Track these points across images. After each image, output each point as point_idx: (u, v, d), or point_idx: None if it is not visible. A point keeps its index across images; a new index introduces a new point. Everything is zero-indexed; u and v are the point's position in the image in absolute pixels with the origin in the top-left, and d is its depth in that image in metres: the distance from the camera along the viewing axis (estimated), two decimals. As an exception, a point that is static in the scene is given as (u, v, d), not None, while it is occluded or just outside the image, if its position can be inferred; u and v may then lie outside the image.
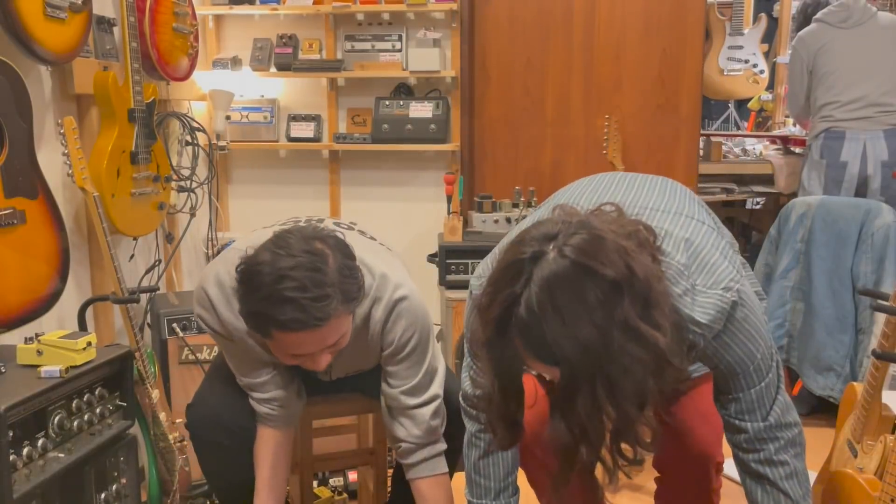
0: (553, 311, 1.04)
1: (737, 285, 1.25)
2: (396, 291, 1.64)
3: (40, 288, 1.88)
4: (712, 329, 1.25)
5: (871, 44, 3.24)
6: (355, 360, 1.76)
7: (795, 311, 3.00)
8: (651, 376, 1.07)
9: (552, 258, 1.06)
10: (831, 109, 3.26)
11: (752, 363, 1.30)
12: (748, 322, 1.28)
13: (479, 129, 3.37)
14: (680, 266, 1.23)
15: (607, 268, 1.05)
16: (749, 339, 1.28)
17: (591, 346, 1.04)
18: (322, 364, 1.54)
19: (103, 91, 2.18)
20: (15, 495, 1.49)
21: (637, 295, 1.06)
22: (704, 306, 1.22)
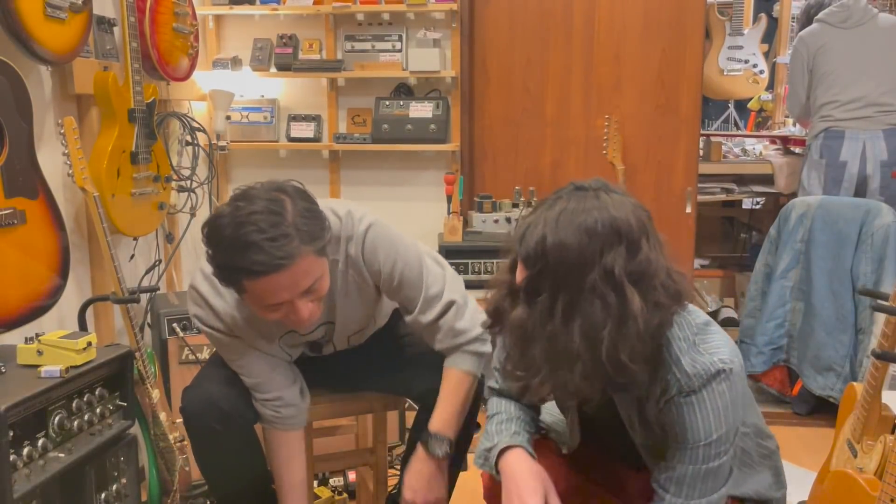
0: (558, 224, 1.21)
1: (732, 366, 1.28)
2: (362, 223, 1.67)
3: (41, 288, 1.88)
4: (690, 383, 1.27)
5: (870, 44, 3.25)
6: (352, 312, 1.77)
7: (795, 310, 3.00)
8: (610, 324, 1.20)
9: (589, 194, 1.26)
10: (831, 109, 3.26)
11: (704, 439, 1.29)
12: (723, 400, 1.28)
13: (479, 129, 3.37)
14: (692, 324, 1.32)
15: (619, 217, 1.23)
16: (715, 416, 1.28)
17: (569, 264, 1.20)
18: (304, 313, 1.51)
19: (103, 91, 2.18)
20: (15, 495, 1.49)
21: (633, 260, 1.22)
22: (695, 360, 1.28)
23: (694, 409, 1.28)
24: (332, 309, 1.75)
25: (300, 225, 1.46)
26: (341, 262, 1.69)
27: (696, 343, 1.30)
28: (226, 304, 1.66)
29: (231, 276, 1.47)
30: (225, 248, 1.44)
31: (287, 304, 1.50)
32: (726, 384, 1.27)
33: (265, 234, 1.42)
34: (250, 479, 1.83)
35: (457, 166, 3.23)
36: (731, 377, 1.28)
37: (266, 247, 1.41)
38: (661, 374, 1.30)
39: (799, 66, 3.39)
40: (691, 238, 3.34)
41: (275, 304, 1.50)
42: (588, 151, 3.34)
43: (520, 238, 1.27)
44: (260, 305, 1.52)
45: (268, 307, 1.51)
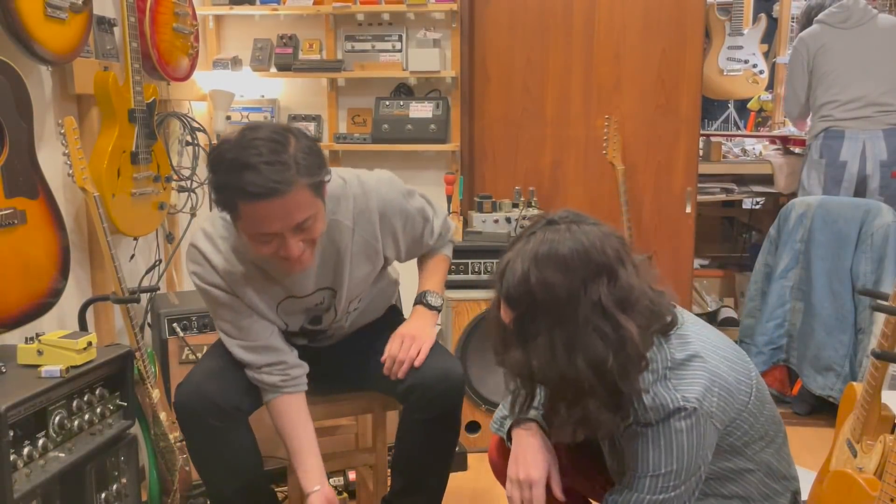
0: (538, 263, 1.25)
1: (698, 407, 1.27)
2: (370, 181, 1.79)
3: (41, 288, 1.88)
4: (646, 416, 1.28)
5: (870, 44, 3.26)
6: (357, 274, 1.81)
7: (795, 310, 3.01)
8: (612, 353, 1.23)
9: (561, 228, 1.28)
10: (831, 109, 3.26)
11: (653, 471, 1.29)
12: (678, 438, 1.27)
13: (479, 129, 3.37)
14: (668, 358, 1.32)
15: (595, 249, 1.26)
16: (666, 451, 1.28)
17: (558, 301, 1.23)
18: (295, 251, 1.55)
19: (104, 91, 2.18)
20: (15, 495, 1.49)
21: (614, 288, 1.25)
22: (657, 394, 1.29)
23: (647, 440, 1.29)
24: (337, 275, 1.79)
25: (300, 159, 1.51)
26: (350, 223, 1.76)
27: (665, 377, 1.30)
28: (224, 261, 1.68)
29: (228, 197, 1.51)
30: (225, 170, 1.50)
31: (279, 239, 1.54)
32: (686, 423, 1.27)
33: (264, 158, 1.47)
34: (247, 477, 1.82)
35: (457, 166, 3.23)
36: (692, 416, 1.27)
37: (263, 169, 1.46)
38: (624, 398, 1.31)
39: (798, 66, 3.39)
40: (691, 238, 3.34)
41: (267, 233, 1.53)
42: (588, 151, 3.34)
43: (500, 277, 1.30)
44: (254, 234, 1.55)
45: (261, 237, 1.54)
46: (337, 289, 1.81)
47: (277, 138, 1.51)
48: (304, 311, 1.84)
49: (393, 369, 1.79)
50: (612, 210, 3.28)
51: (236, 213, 1.54)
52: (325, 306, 1.85)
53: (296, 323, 1.86)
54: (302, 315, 1.85)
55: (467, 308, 2.79)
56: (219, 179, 1.52)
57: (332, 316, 1.88)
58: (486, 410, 2.82)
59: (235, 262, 1.69)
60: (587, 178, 3.37)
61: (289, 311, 1.80)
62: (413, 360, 1.78)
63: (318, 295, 1.81)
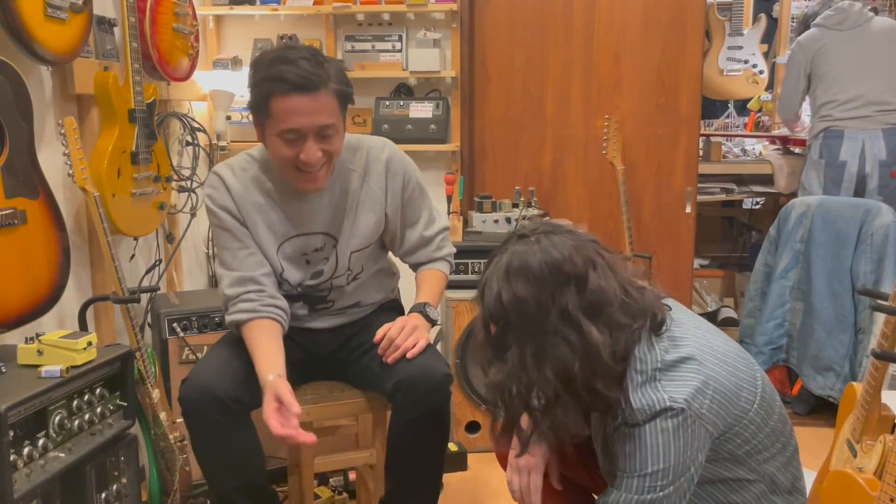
0: (509, 278, 1.28)
1: (686, 407, 1.26)
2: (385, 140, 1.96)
3: (41, 288, 1.88)
4: (633, 416, 1.28)
5: (867, 45, 3.28)
6: (361, 224, 1.90)
7: (795, 310, 3.01)
8: (579, 360, 1.26)
9: (529, 241, 1.31)
10: (830, 109, 3.27)
11: (640, 470, 1.28)
12: (664, 437, 1.26)
13: (479, 129, 3.37)
14: (658, 360, 1.31)
15: (569, 264, 1.27)
16: (653, 450, 1.27)
17: (528, 314, 1.26)
18: (313, 155, 1.69)
19: (104, 91, 2.18)
20: (16, 495, 1.49)
21: (584, 294, 1.27)
22: (644, 394, 1.29)
23: (634, 440, 1.29)
24: (340, 221, 1.88)
25: (332, 70, 1.70)
26: (361, 171, 1.90)
27: (654, 378, 1.30)
28: (241, 187, 1.84)
29: (265, 90, 1.68)
30: (266, 65, 1.69)
31: (301, 141, 1.69)
32: (672, 422, 1.26)
33: (303, 56, 1.67)
34: (249, 475, 1.82)
35: (457, 166, 3.24)
36: (679, 416, 1.26)
37: (302, 64, 1.65)
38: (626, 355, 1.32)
39: (795, 69, 3.42)
40: (691, 238, 3.34)
41: (293, 129, 1.68)
42: (588, 151, 3.34)
43: (480, 298, 1.34)
44: (280, 132, 1.69)
45: (286, 135, 1.69)
46: (339, 237, 1.89)
47: (317, 53, 1.72)
48: (303, 258, 1.89)
49: (388, 352, 1.82)
50: (612, 210, 3.29)
51: (268, 110, 1.69)
52: (325, 255, 1.90)
53: (296, 273, 1.89)
54: (302, 262, 1.90)
55: (467, 308, 2.79)
56: (259, 75, 1.69)
57: (333, 267, 1.91)
58: (485, 410, 2.82)
59: (252, 189, 1.84)
60: (587, 178, 3.37)
61: (290, 254, 1.88)
62: (408, 349, 1.81)
63: (320, 238, 1.89)
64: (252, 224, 1.84)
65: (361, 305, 2.04)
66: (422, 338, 1.85)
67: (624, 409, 1.29)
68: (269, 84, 1.66)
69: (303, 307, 1.97)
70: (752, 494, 1.40)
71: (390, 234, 1.99)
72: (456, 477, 2.68)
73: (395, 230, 1.97)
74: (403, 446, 1.85)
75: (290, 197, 1.84)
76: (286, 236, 1.86)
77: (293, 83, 1.64)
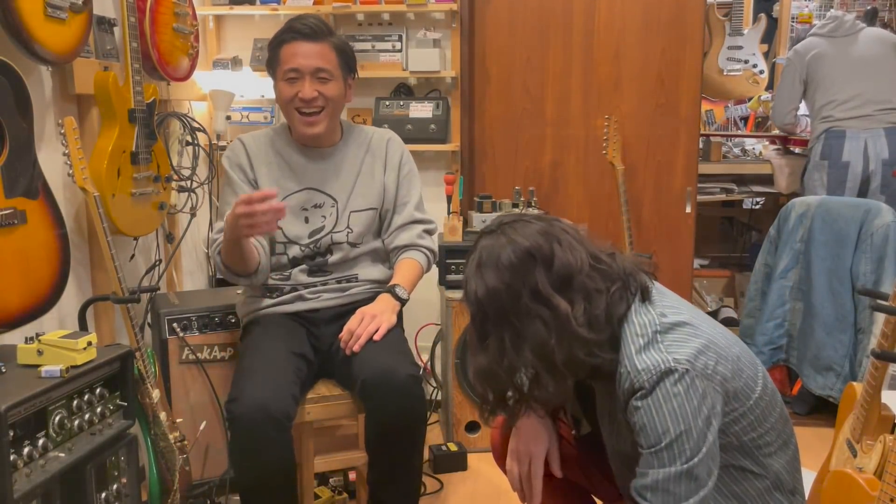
0: (480, 272, 1.33)
1: (690, 368, 1.26)
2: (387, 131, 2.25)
3: (41, 288, 1.89)
4: (639, 378, 1.27)
5: (861, 50, 3.36)
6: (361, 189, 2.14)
7: (795, 310, 3.01)
8: (555, 335, 1.28)
9: (494, 235, 1.35)
10: (830, 109, 3.28)
11: (665, 440, 1.26)
12: (678, 400, 1.25)
13: (479, 129, 3.37)
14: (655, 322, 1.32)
15: (535, 248, 1.31)
16: (671, 415, 1.26)
17: (502, 301, 1.30)
18: (308, 91, 2.01)
19: (104, 91, 2.18)
20: (16, 495, 1.49)
21: (553, 271, 1.30)
22: (648, 355, 1.29)
23: (649, 410, 1.27)
24: (341, 183, 2.12)
25: (338, 37, 2.08)
26: (364, 147, 2.18)
27: (655, 340, 1.30)
28: (256, 145, 2.14)
29: (276, 41, 2.04)
30: (282, 28, 2.04)
31: (300, 80, 2.02)
32: (681, 385, 1.25)
33: (313, 17, 2.05)
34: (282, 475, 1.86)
35: (457, 166, 3.24)
36: (686, 377, 1.25)
37: (309, 21, 2.03)
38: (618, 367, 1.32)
39: (790, 75, 3.48)
40: (691, 238, 3.35)
41: (294, 68, 2.01)
42: (588, 151, 3.34)
43: (463, 297, 1.38)
44: (284, 71, 2.03)
45: (288, 74, 2.02)
46: (338, 197, 2.12)
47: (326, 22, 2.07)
48: (303, 213, 2.10)
49: (350, 343, 1.90)
50: (612, 210, 3.29)
51: (278, 58, 2.04)
52: (324, 213, 2.11)
53: (294, 227, 2.06)
54: (302, 218, 2.07)
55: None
56: (274, 36, 2.05)
57: (333, 222, 2.08)
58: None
59: (266, 149, 2.14)
60: (587, 178, 3.37)
61: (292, 207, 2.08)
62: (371, 335, 1.90)
63: (320, 195, 2.12)
64: (261, 176, 2.11)
65: (359, 280, 2.12)
66: (384, 322, 1.94)
67: (630, 373, 1.28)
68: (281, 35, 2.02)
69: (304, 271, 2.09)
70: (756, 489, 1.40)
71: (386, 209, 2.18)
72: (456, 477, 2.68)
73: (389, 206, 2.18)
74: (377, 449, 1.89)
75: (298, 158, 2.14)
76: (290, 190, 2.11)
77: (299, 31, 2.01)
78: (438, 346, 3.19)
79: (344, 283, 2.12)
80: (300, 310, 2.09)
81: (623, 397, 1.31)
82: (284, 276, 2.11)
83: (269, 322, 2.08)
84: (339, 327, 2.02)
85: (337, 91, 2.06)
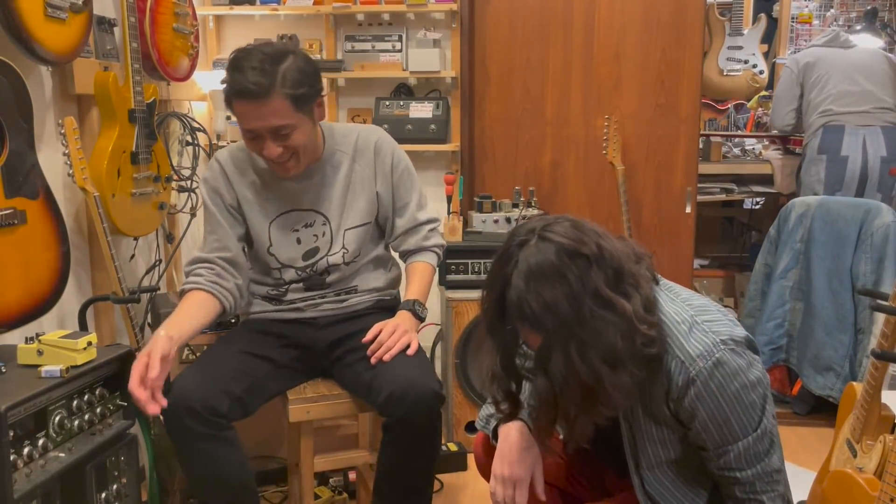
0: (533, 286, 1.22)
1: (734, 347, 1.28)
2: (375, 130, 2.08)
3: (41, 288, 1.89)
4: (695, 365, 1.27)
5: (857, 56, 3.42)
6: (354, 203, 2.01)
7: (795, 310, 3.01)
8: (620, 338, 1.22)
9: (533, 242, 1.25)
10: (828, 104, 3.31)
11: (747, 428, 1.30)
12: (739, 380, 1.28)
13: (479, 129, 3.37)
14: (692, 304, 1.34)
15: (582, 246, 1.23)
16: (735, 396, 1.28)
17: (564, 313, 1.21)
18: (272, 152, 1.81)
19: (104, 91, 2.18)
20: (16, 495, 1.49)
21: (607, 268, 1.24)
22: (699, 340, 1.28)
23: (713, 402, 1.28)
24: (331, 201, 1.98)
25: (288, 75, 1.77)
26: (351, 153, 2.02)
27: (696, 322, 1.30)
28: (236, 168, 1.97)
29: (226, 91, 1.79)
30: (228, 68, 1.79)
31: (259, 139, 1.81)
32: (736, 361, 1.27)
33: (252, 64, 1.74)
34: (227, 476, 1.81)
35: (457, 166, 3.24)
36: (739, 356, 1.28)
37: (249, 73, 1.74)
38: (664, 363, 1.30)
39: (787, 79, 3.52)
40: (691, 238, 3.35)
41: (249, 129, 1.81)
42: (588, 151, 3.34)
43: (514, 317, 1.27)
44: (242, 130, 1.83)
45: (246, 133, 1.83)
46: (329, 215, 1.99)
47: (276, 54, 1.78)
48: (294, 235, 1.97)
49: (378, 353, 1.84)
50: (612, 210, 3.29)
51: (232, 109, 1.82)
52: (316, 232, 1.99)
53: (286, 250, 1.97)
54: (293, 239, 1.97)
55: (467, 308, 2.79)
56: (224, 77, 1.80)
57: (328, 244, 1.98)
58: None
59: (248, 169, 1.98)
60: (587, 178, 3.37)
61: (281, 229, 1.97)
62: (402, 348, 1.85)
63: (310, 214, 1.99)
64: (244, 200, 1.98)
65: (359, 291, 2.06)
66: (414, 338, 1.88)
67: (683, 362, 1.28)
68: (228, 88, 1.79)
69: (300, 289, 2.02)
70: None
71: (383, 216, 2.06)
72: (456, 477, 2.68)
73: (387, 212, 2.06)
74: (391, 464, 1.85)
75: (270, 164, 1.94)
76: (277, 212, 1.98)
77: (240, 92, 1.75)
78: (438, 346, 3.19)
79: (343, 294, 2.05)
80: (297, 318, 2.03)
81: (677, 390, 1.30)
82: (281, 292, 2.04)
83: (254, 325, 2.03)
84: (336, 331, 2.00)
85: (304, 136, 1.85)
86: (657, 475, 1.41)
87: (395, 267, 2.18)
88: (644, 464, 1.41)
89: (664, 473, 1.41)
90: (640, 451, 1.41)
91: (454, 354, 2.80)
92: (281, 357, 1.96)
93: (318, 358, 2.01)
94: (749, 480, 1.34)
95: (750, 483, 1.34)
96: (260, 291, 2.06)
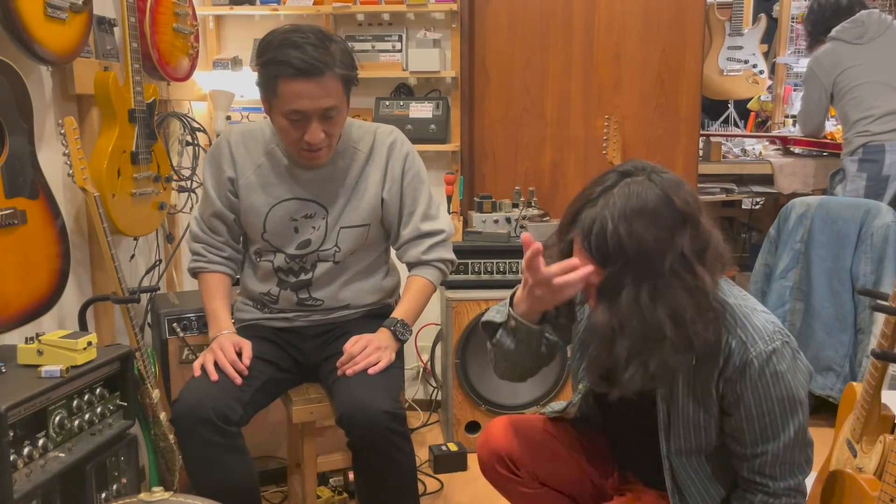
0: (629, 213, 1.23)
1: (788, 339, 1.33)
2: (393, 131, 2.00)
3: (41, 288, 1.89)
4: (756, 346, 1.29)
5: (891, 55, 3.18)
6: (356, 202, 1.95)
7: (795, 310, 3.00)
8: (691, 303, 1.24)
9: (641, 179, 1.27)
10: (866, 124, 3.16)
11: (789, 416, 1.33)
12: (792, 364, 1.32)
13: (479, 129, 3.37)
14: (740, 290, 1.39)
15: (686, 206, 1.25)
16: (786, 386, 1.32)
17: (649, 254, 1.22)
18: (316, 136, 1.77)
19: (104, 91, 2.18)
20: (16, 495, 1.49)
21: (697, 236, 1.26)
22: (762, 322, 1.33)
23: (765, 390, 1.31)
24: (336, 194, 1.94)
25: (339, 56, 1.75)
26: (366, 152, 1.96)
27: (756, 306, 1.35)
28: (244, 148, 1.94)
29: (272, 73, 1.73)
30: (274, 48, 1.73)
31: (304, 121, 1.76)
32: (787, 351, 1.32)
33: (310, 42, 1.71)
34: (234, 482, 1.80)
35: (457, 166, 3.24)
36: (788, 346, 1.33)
37: (308, 49, 1.70)
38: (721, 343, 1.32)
39: (815, 88, 3.34)
40: (691, 238, 3.34)
41: (299, 110, 1.74)
42: (588, 151, 3.34)
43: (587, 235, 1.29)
44: (286, 112, 1.76)
45: (292, 115, 1.76)
46: (329, 209, 1.94)
47: (324, 35, 1.76)
48: (292, 224, 1.93)
49: (346, 365, 1.81)
50: (612, 210, 3.28)
51: (275, 91, 1.74)
52: (314, 224, 1.94)
53: (281, 238, 1.94)
54: (290, 228, 1.93)
55: (467, 308, 2.79)
56: (266, 57, 1.74)
57: (321, 238, 1.93)
58: (485, 410, 2.82)
59: (256, 151, 1.94)
60: (587, 179, 3.32)
61: (280, 216, 1.93)
62: (369, 367, 1.80)
63: (311, 205, 1.94)
64: (247, 182, 1.94)
65: (351, 308, 2.02)
66: (385, 357, 1.83)
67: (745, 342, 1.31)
68: (277, 67, 1.72)
69: (291, 296, 1.98)
70: None
71: (388, 222, 2.00)
72: (456, 477, 2.68)
73: (392, 219, 1.99)
74: (364, 487, 1.83)
75: (290, 163, 1.93)
76: (279, 198, 1.94)
77: (299, 69, 1.70)
78: (438, 346, 3.19)
79: (335, 312, 2.01)
80: (287, 327, 2.01)
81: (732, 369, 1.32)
82: (272, 299, 2.01)
83: (249, 330, 2.01)
84: (324, 341, 1.99)
85: (342, 121, 1.85)
86: (684, 462, 1.43)
87: (392, 274, 2.12)
88: (674, 448, 1.42)
89: (691, 463, 1.43)
90: (672, 435, 1.42)
91: (454, 354, 2.80)
92: (281, 360, 1.96)
93: (309, 363, 2.01)
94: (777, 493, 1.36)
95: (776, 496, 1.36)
96: (251, 294, 2.05)
